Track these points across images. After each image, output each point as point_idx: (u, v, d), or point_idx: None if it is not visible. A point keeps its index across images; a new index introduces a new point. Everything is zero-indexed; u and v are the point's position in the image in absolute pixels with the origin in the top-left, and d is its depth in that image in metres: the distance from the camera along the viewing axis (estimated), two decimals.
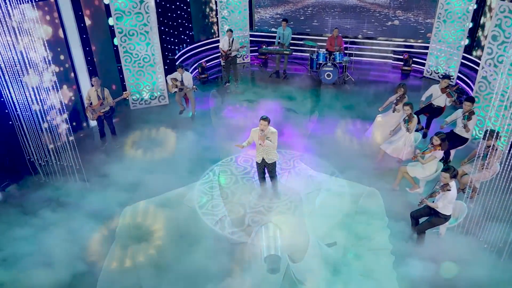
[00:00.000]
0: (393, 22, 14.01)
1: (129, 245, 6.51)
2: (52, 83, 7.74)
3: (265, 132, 6.85)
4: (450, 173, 5.83)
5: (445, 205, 5.95)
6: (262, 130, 6.83)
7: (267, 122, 6.80)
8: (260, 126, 6.83)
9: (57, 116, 8.26)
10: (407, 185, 7.68)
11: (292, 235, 6.50)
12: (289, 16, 14.84)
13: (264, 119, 6.78)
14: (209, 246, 6.52)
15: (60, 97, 8.01)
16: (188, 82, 10.11)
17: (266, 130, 6.86)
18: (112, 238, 6.67)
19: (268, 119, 6.82)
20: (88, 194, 7.66)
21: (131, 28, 10.13)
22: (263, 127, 6.80)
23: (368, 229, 6.71)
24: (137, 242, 6.57)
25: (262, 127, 6.80)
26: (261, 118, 6.81)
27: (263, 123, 6.78)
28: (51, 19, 8.59)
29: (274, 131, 6.98)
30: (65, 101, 9.01)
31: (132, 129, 9.97)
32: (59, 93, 7.99)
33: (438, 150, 6.93)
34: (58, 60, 8.87)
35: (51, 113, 7.99)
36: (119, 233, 6.74)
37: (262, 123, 6.79)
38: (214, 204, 7.51)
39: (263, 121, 6.78)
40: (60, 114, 8.29)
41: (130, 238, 6.66)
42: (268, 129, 6.89)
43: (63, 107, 8.09)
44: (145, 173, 8.23)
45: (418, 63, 13.42)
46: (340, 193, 7.60)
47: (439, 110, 8.94)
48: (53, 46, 8.55)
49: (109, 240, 6.65)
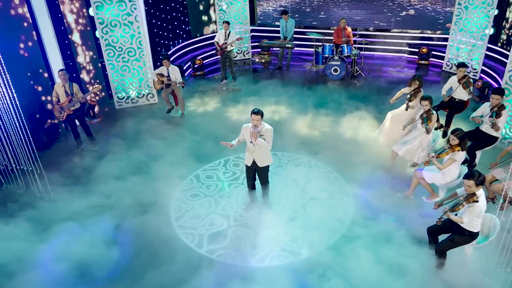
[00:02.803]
0: (408, 12, 12.70)
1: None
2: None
3: (259, 128, 5.74)
4: (474, 179, 4.58)
5: (471, 220, 4.69)
6: (255, 126, 5.72)
7: (260, 116, 5.68)
8: (253, 122, 5.71)
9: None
10: (424, 193, 6.42)
11: None
12: (294, 8, 13.71)
13: (256, 113, 5.66)
14: (180, 267, 5.41)
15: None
16: (175, 76, 9.07)
17: (260, 126, 5.75)
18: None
19: (261, 113, 5.70)
20: (48, 204, 6.65)
21: (113, 18, 9.17)
22: (256, 122, 5.69)
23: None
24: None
25: (255, 122, 5.69)
26: (253, 112, 5.69)
27: (256, 117, 5.66)
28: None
29: (269, 128, 5.86)
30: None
31: (114, 130, 8.98)
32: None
33: (457, 152, 5.65)
34: (27, 51, 7.93)
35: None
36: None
37: (254, 118, 5.67)
38: (193, 215, 6.40)
39: (255, 115, 5.66)
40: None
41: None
42: (262, 125, 5.78)
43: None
44: (120, 179, 7.20)
45: (436, 57, 12.10)
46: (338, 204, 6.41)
47: (461, 105, 7.64)
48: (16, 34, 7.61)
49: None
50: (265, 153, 6.02)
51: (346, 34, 11.26)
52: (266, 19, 14.15)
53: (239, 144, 6.10)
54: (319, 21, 13.58)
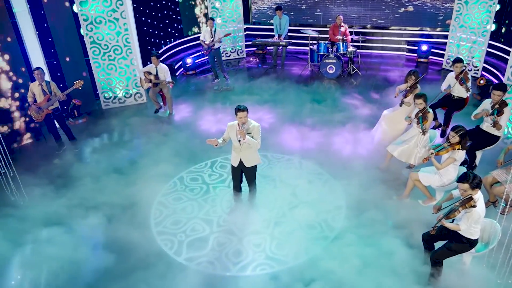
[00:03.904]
0: (407, 8, 12.28)
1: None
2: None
3: (245, 126, 5.37)
4: (469, 182, 4.17)
5: (469, 227, 4.27)
6: (243, 123, 5.34)
7: (246, 112, 5.30)
8: (239, 120, 5.33)
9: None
10: (420, 196, 6.01)
11: None
12: (289, 6, 13.32)
13: (241, 110, 5.27)
14: (156, 277, 5.02)
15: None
16: (163, 75, 8.70)
17: (247, 124, 5.37)
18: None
19: (247, 109, 5.31)
20: (22, 208, 6.29)
21: (98, 15, 8.81)
22: (243, 119, 5.31)
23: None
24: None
25: (242, 120, 5.31)
26: (238, 108, 5.29)
27: (242, 114, 5.27)
28: None
29: (256, 124, 5.49)
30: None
31: (98, 131, 8.60)
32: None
33: (457, 150, 5.23)
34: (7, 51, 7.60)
35: None
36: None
37: (240, 115, 5.28)
38: (174, 220, 6.02)
39: (241, 112, 5.27)
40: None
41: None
42: (248, 122, 5.41)
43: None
44: (100, 182, 6.85)
45: (436, 55, 11.68)
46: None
47: (461, 102, 7.23)
48: None
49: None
50: (252, 153, 5.64)
51: (342, 31, 10.87)
52: (261, 17, 13.78)
53: (225, 143, 5.71)
54: (315, 18, 13.18)
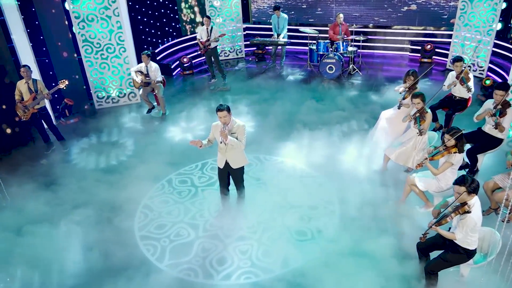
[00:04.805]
0: (410, 7, 11.94)
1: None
2: None
3: (229, 125, 5.09)
4: (466, 186, 3.86)
5: (466, 235, 3.96)
6: (225, 123, 5.06)
7: (227, 111, 4.99)
8: (220, 120, 5.06)
9: None
10: (418, 202, 5.69)
11: None
12: (290, 5, 13.05)
13: (221, 110, 4.98)
14: (135, 284, 4.76)
15: None
16: (154, 74, 8.47)
17: (230, 124, 5.10)
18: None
19: (227, 108, 5.01)
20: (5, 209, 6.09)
21: (89, 12, 8.61)
22: (224, 119, 5.02)
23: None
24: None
25: (223, 119, 5.02)
26: (217, 108, 5.00)
27: (221, 114, 4.98)
28: None
29: (241, 124, 5.21)
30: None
31: (89, 131, 8.41)
32: None
33: (453, 154, 4.92)
34: None
35: None
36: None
37: (220, 115, 5.00)
38: (159, 225, 5.76)
39: (220, 112, 4.98)
40: None
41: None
42: (232, 122, 5.13)
43: None
44: (87, 183, 6.67)
45: (440, 54, 11.32)
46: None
47: (462, 103, 6.89)
48: None
49: None
50: (238, 153, 5.36)
51: (343, 30, 10.57)
52: (261, 17, 13.51)
53: (210, 144, 5.43)
54: (316, 18, 12.89)
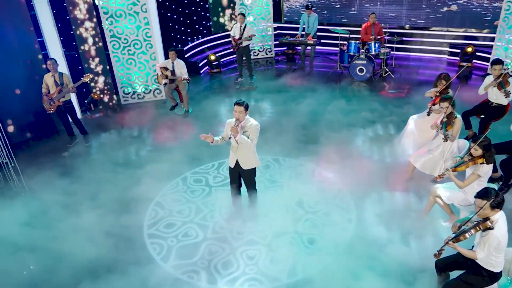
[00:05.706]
0: (450, 7, 11.29)
1: None
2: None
3: (242, 122, 4.92)
4: (489, 200, 3.46)
5: (489, 255, 3.55)
6: (237, 119, 4.90)
7: (244, 108, 4.87)
8: (234, 114, 4.92)
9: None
10: (444, 215, 5.26)
11: None
12: (322, 4, 12.71)
13: (239, 104, 4.87)
14: (137, 283, 4.67)
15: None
16: (180, 71, 8.44)
17: (244, 121, 4.93)
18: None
19: (246, 105, 4.90)
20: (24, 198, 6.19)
21: (118, 8, 8.70)
22: (239, 114, 4.88)
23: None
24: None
25: (237, 114, 4.88)
26: (236, 102, 4.91)
27: (238, 108, 4.87)
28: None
29: (255, 123, 5.03)
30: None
31: (113, 126, 8.51)
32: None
33: (480, 165, 4.48)
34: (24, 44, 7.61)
35: None
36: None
37: (236, 109, 4.88)
38: (168, 223, 5.66)
39: (238, 106, 4.86)
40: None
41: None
42: (246, 120, 4.97)
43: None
44: (105, 176, 6.73)
45: (481, 58, 10.62)
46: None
47: (499, 110, 6.34)
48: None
49: None
50: (249, 154, 5.16)
51: (376, 30, 10.13)
52: (293, 16, 13.25)
53: (223, 141, 5.27)
54: (349, 17, 12.48)
